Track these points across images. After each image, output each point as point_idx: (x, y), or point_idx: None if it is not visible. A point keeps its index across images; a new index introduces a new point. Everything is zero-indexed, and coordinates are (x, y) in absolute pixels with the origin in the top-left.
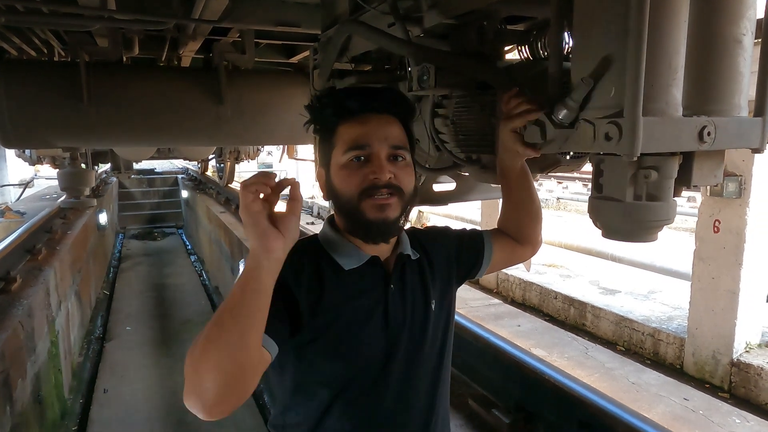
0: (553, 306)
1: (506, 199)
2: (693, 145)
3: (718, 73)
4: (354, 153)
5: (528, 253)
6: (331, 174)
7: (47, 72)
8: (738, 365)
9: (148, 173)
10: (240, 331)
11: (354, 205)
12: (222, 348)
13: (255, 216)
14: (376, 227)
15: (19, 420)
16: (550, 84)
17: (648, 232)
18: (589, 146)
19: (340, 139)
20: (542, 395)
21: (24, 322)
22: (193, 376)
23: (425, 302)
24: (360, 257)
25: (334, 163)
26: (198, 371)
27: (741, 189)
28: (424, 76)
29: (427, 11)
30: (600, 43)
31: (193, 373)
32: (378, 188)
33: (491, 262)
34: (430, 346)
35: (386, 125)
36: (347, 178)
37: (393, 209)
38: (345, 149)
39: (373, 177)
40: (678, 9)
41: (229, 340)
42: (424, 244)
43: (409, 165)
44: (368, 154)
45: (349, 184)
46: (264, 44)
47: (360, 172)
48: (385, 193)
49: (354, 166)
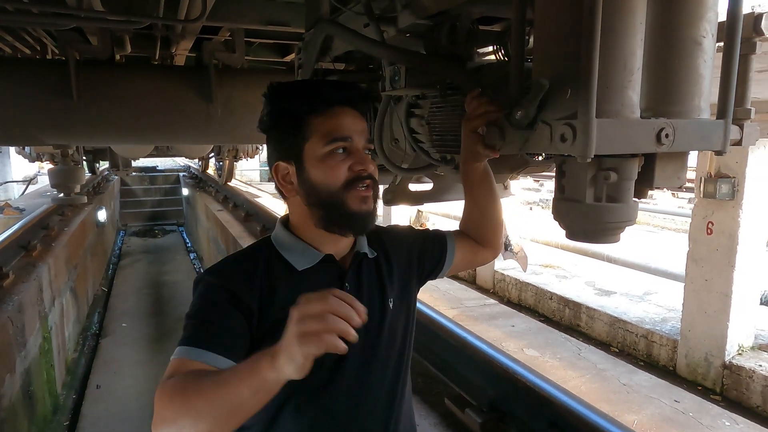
0: (548, 307)
1: (468, 200)
2: (651, 146)
3: (677, 75)
4: (337, 144)
5: (489, 256)
6: (306, 166)
7: (37, 70)
8: (730, 368)
9: (150, 171)
10: (228, 423)
11: (338, 197)
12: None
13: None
14: (359, 218)
15: (8, 414)
16: (511, 85)
17: (609, 233)
18: (547, 147)
19: (316, 131)
20: (515, 395)
21: (14, 317)
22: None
23: (382, 301)
24: (314, 256)
25: (310, 155)
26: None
27: (734, 191)
28: (395, 77)
29: (401, 11)
30: (556, 45)
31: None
32: (362, 180)
33: (453, 264)
34: (388, 346)
35: (358, 119)
36: (331, 170)
37: (371, 201)
38: (325, 141)
39: (358, 168)
40: (633, 11)
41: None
42: (385, 242)
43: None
44: (349, 146)
45: (332, 176)
46: (257, 43)
47: (343, 164)
48: (368, 185)
49: (337, 157)
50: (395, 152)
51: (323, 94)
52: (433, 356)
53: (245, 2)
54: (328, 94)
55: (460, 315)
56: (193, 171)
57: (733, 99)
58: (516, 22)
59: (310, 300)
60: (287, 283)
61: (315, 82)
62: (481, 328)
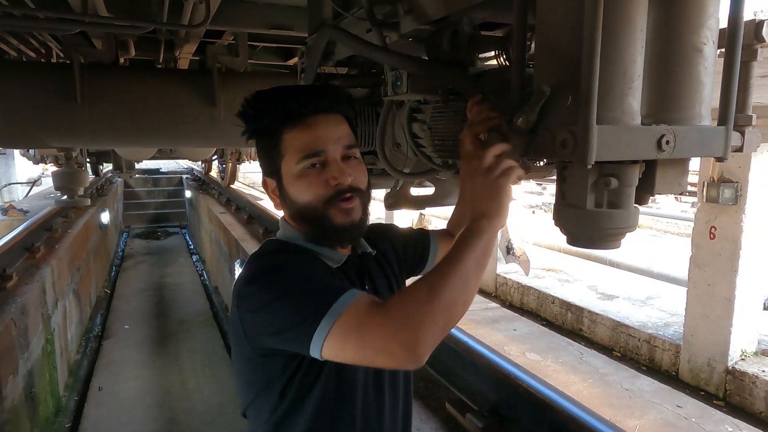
0: (550, 310)
1: (462, 204)
2: (651, 153)
3: (678, 82)
4: (309, 161)
5: None
6: (285, 184)
7: (42, 73)
8: (733, 373)
9: (153, 173)
10: (477, 285)
11: (320, 213)
12: (466, 294)
13: (507, 180)
14: (346, 232)
15: (10, 416)
16: (512, 91)
17: (610, 239)
18: (548, 153)
19: (290, 147)
20: (516, 400)
21: (17, 319)
22: (428, 318)
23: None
24: (339, 257)
25: (287, 173)
26: (441, 312)
27: (737, 196)
28: (397, 82)
29: (403, 17)
30: (557, 52)
31: (433, 317)
32: (343, 192)
33: (435, 262)
34: None
35: (335, 125)
36: (308, 187)
37: (357, 211)
38: (298, 158)
39: (335, 183)
40: (634, 19)
41: (471, 292)
42: (375, 241)
43: (360, 161)
44: (323, 160)
45: (310, 193)
46: (260, 47)
47: (319, 180)
48: (350, 197)
49: (312, 173)
50: (397, 156)
51: (291, 107)
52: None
53: (248, 6)
54: (297, 107)
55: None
56: (196, 173)
57: (734, 106)
58: (517, 29)
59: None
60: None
61: (285, 94)
62: (483, 332)
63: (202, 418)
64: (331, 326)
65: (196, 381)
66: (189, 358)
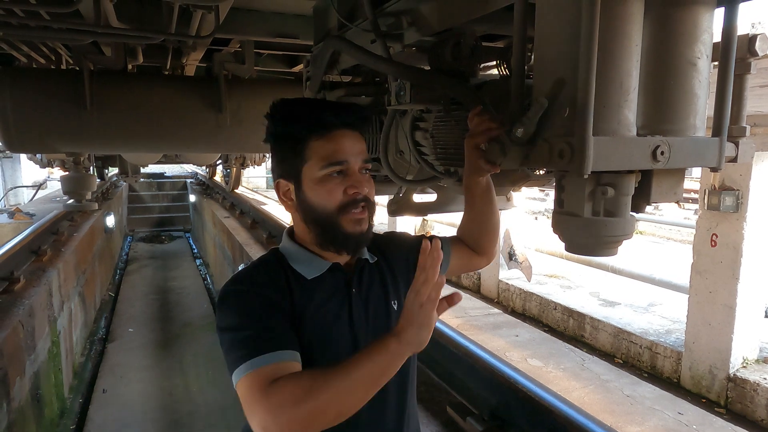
0: (552, 317)
1: (469, 211)
2: (646, 163)
3: (672, 95)
4: (333, 168)
5: (483, 263)
6: (304, 188)
7: (52, 79)
8: (734, 380)
9: (158, 177)
10: (364, 401)
11: (333, 219)
12: (344, 407)
13: (432, 317)
14: (354, 240)
15: (17, 417)
16: (512, 102)
17: (607, 247)
18: (546, 163)
19: (314, 153)
20: (516, 404)
21: (24, 321)
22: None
23: (386, 303)
24: (321, 266)
25: (308, 177)
26: (313, 417)
27: (738, 203)
28: (400, 92)
29: (406, 29)
30: (555, 65)
31: (303, 417)
32: (357, 203)
33: (448, 269)
34: None
35: (357, 141)
36: (327, 193)
37: (366, 222)
38: (323, 164)
39: (352, 192)
40: (630, 34)
41: (353, 405)
42: (383, 248)
43: (371, 177)
44: (345, 169)
45: (328, 199)
46: (266, 54)
47: (339, 187)
48: (362, 207)
49: (333, 180)
50: (400, 164)
51: (323, 119)
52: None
53: (255, 15)
54: (327, 119)
55: (464, 324)
56: (200, 178)
57: (728, 117)
58: (517, 42)
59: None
60: (301, 290)
61: (316, 106)
62: (485, 338)
63: (205, 420)
64: (240, 378)
65: (199, 384)
66: (192, 362)
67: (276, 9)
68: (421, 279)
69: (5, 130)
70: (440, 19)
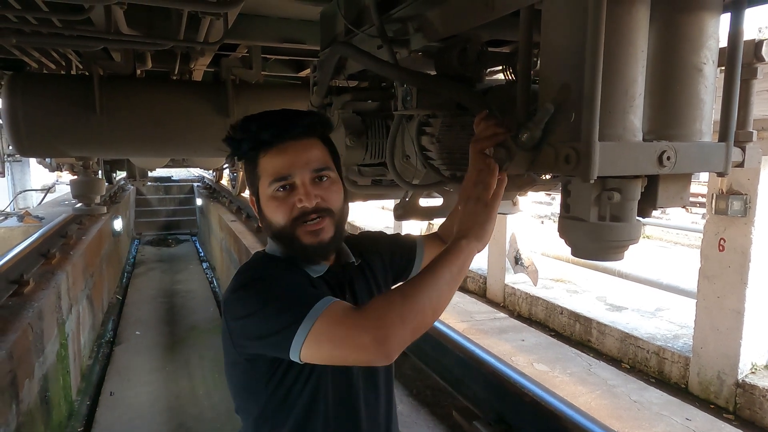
0: (558, 321)
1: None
2: (652, 168)
3: (678, 101)
4: (278, 184)
5: None
6: (261, 204)
7: (62, 85)
8: (743, 386)
9: (165, 181)
10: (450, 298)
11: (288, 233)
12: (436, 304)
13: (493, 212)
14: (313, 250)
15: (26, 419)
16: (518, 107)
17: (613, 252)
18: (551, 169)
19: (263, 171)
20: (522, 408)
21: (34, 324)
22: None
23: None
24: (320, 267)
25: (262, 194)
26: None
27: (746, 208)
28: (407, 97)
29: (413, 34)
30: (561, 70)
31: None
32: (308, 214)
33: (421, 267)
34: None
35: (305, 150)
36: (277, 209)
37: (326, 231)
38: (269, 181)
39: (300, 205)
40: (635, 40)
41: (443, 303)
42: (361, 250)
43: (334, 182)
44: (292, 183)
45: (279, 214)
46: (273, 59)
47: (288, 202)
48: (315, 217)
49: (281, 196)
50: (406, 168)
51: (262, 136)
52: (441, 369)
53: (263, 21)
54: (265, 135)
55: (470, 328)
56: (207, 181)
57: (734, 122)
58: (523, 49)
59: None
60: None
61: (260, 122)
62: (491, 342)
63: (211, 423)
64: (309, 331)
65: (205, 387)
66: (199, 364)
67: (283, 15)
68: (479, 180)
69: (16, 134)
70: (446, 24)
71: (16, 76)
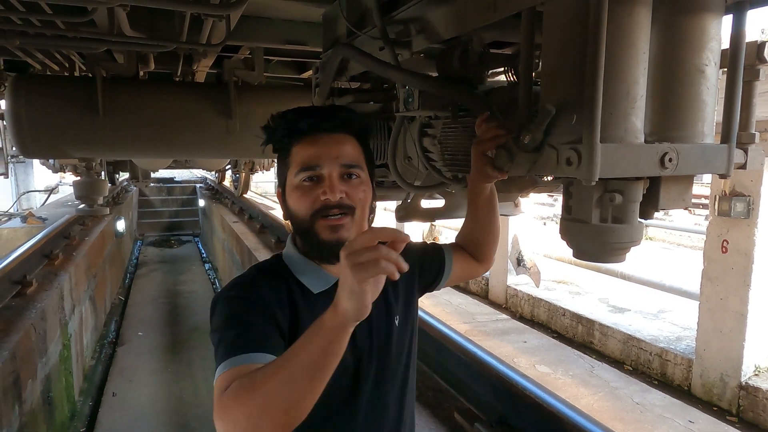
0: (561, 323)
1: (471, 217)
2: (654, 170)
3: (681, 102)
4: (305, 174)
5: (481, 270)
6: (286, 194)
7: (65, 86)
8: (746, 388)
9: (168, 182)
10: (313, 391)
11: (307, 225)
12: (288, 402)
13: (363, 279)
14: (329, 248)
15: (28, 419)
16: (520, 109)
17: (615, 254)
18: (553, 170)
19: (293, 160)
20: (524, 410)
21: (36, 324)
22: (247, 422)
23: (388, 320)
24: (327, 279)
25: (289, 183)
26: (256, 418)
27: (749, 209)
28: (409, 99)
29: (415, 36)
30: (562, 73)
31: (246, 419)
32: (330, 208)
33: (450, 277)
34: (396, 361)
35: (338, 144)
36: (300, 198)
37: (346, 229)
38: (297, 170)
39: (324, 198)
40: (637, 41)
41: (299, 398)
42: None
43: (363, 183)
44: (319, 175)
45: (301, 204)
46: (276, 61)
47: (312, 193)
48: (338, 213)
49: (306, 187)
50: (408, 170)
51: (299, 125)
52: (443, 370)
53: (265, 22)
54: (302, 124)
55: (472, 330)
56: (209, 183)
57: (737, 124)
58: (524, 51)
59: (359, 236)
60: (305, 304)
61: (298, 112)
62: (493, 344)
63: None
64: (217, 375)
65: (207, 388)
66: (201, 365)
67: (285, 16)
68: (358, 240)
69: (20, 135)
70: (448, 26)
71: (20, 78)
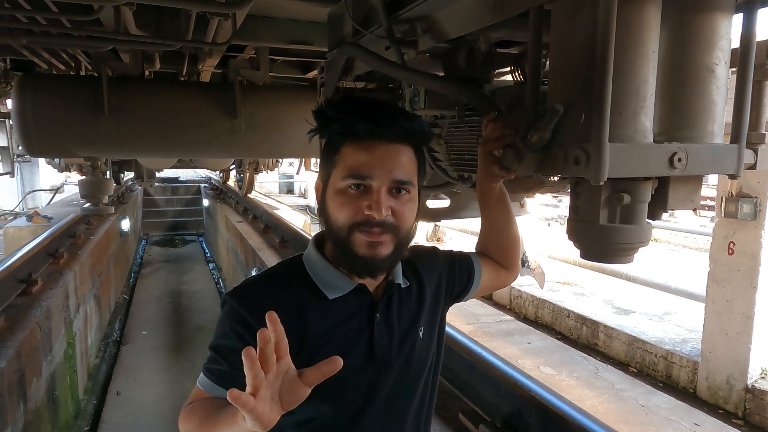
0: (565, 324)
1: (485, 220)
2: (663, 170)
3: (690, 102)
4: (353, 181)
5: (511, 278)
6: (327, 194)
7: (71, 85)
8: (752, 391)
9: (172, 181)
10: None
11: (344, 235)
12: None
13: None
14: (363, 263)
15: (33, 417)
16: (527, 109)
17: (622, 254)
18: (561, 170)
19: (342, 160)
20: (529, 412)
21: (41, 323)
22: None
23: (411, 331)
24: (345, 286)
25: (332, 184)
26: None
27: (756, 211)
28: (415, 98)
29: (421, 35)
30: (571, 72)
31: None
32: (371, 224)
33: (479, 287)
34: (417, 375)
35: (393, 156)
36: (341, 205)
37: (385, 247)
38: (345, 174)
39: (368, 212)
40: (646, 40)
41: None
42: (419, 269)
43: (411, 200)
44: (368, 185)
45: (342, 212)
46: (281, 60)
47: (356, 203)
48: (378, 231)
49: (351, 194)
50: None
51: (355, 126)
52: (448, 372)
53: (270, 22)
54: (363, 128)
55: (476, 331)
56: (213, 182)
57: (747, 124)
58: (532, 49)
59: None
60: (318, 309)
61: (357, 110)
62: (497, 345)
63: None
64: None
65: None
66: None
67: (291, 16)
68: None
69: (26, 135)
70: (455, 25)
71: (26, 77)
